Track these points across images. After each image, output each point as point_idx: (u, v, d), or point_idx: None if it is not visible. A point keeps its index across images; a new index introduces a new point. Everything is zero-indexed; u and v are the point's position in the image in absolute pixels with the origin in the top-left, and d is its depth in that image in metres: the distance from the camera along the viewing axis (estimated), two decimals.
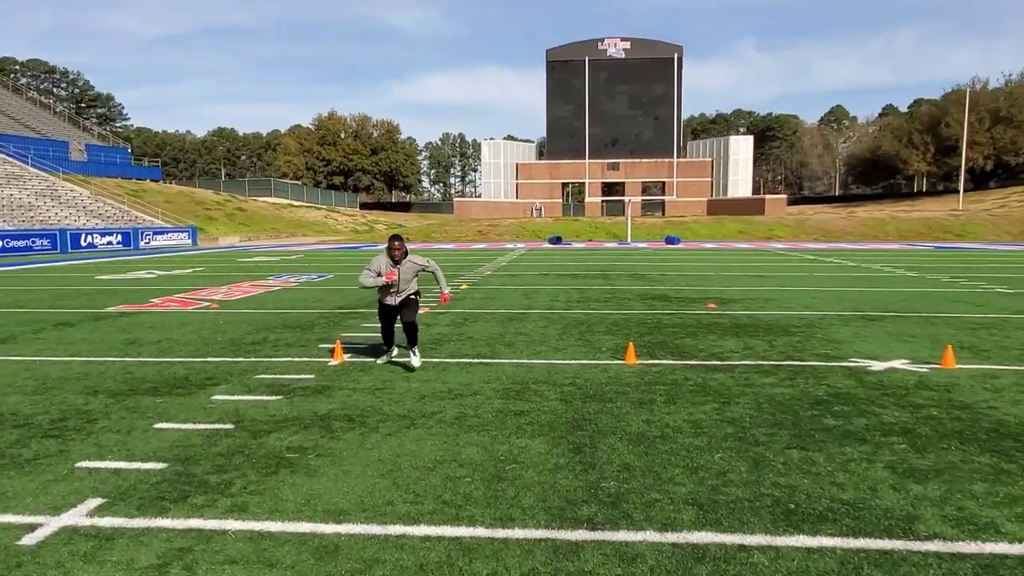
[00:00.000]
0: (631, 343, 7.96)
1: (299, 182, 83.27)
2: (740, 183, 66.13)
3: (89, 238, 36.13)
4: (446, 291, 7.91)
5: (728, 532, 3.47)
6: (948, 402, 5.87)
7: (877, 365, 7.34)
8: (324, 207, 71.67)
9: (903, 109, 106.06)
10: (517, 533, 3.49)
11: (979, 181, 76.50)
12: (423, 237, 48.50)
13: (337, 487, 4.11)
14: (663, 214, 64.51)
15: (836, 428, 5.17)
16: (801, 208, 77.52)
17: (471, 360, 7.79)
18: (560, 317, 11.08)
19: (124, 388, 6.59)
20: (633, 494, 3.95)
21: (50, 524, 3.64)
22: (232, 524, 3.62)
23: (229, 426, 5.31)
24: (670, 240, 40.89)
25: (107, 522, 3.66)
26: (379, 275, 7.23)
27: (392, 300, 7.41)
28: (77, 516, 3.74)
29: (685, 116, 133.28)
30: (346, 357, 7.93)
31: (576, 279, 17.92)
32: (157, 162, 75.64)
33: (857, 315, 11.07)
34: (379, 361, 7.66)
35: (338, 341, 8.31)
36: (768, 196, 63.44)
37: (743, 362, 7.54)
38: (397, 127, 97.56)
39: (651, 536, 3.43)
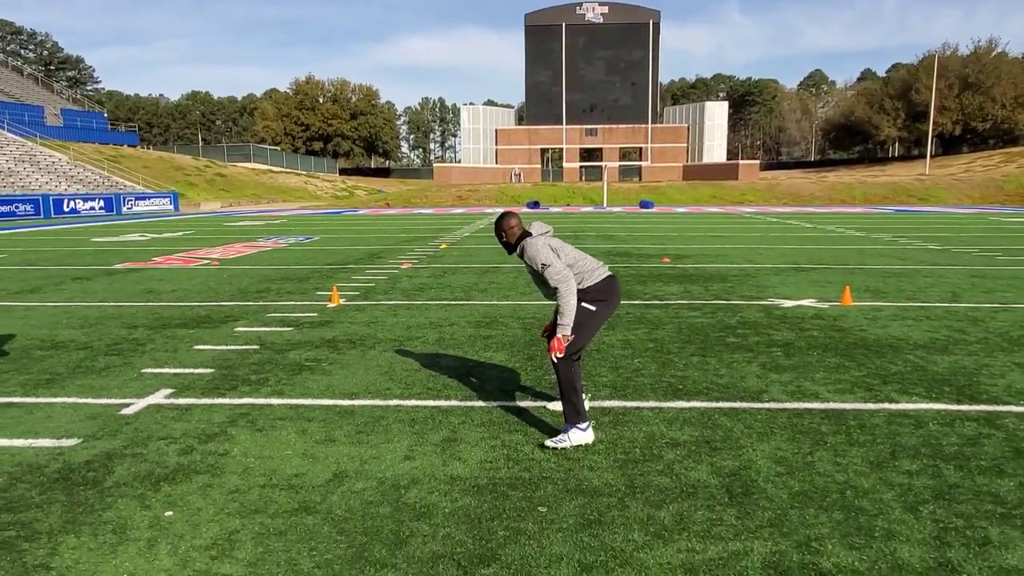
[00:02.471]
0: None
1: (278, 147, 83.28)
2: (715, 149, 67.48)
3: (72, 203, 36.74)
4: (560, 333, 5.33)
5: (630, 400, 4.90)
6: (830, 327, 7.35)
7: (788, 303, 8.81)
8: (304, 173, 72.03)
9: (882, 74, 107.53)
10: (480, 404, 4.89)
11: (948, 146, 78.50)
12: (403, 203, 49.44)
13: (347, 380, 5.48)
14: (640, 179, 65.77)
15: (733, 343, 6.62)
16: (775, 173, 79.16)
17: (449, 302, 9.15)
18: None
19: (157, 324, 7.88)
20: None
21: (138, 404, 4.97)
22: (274, 400, 4.99)
23: (255, 347, 6.65)
24: (644, 204, 42.29)
25: (181, 401, 5.01)
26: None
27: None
28: (157, 398, 5.08)
29: (666, 80, 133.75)
30: (342, 301, 9.25)
31: None
32: (134, 127, 75.28)
33: (791, 267, 12.56)
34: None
35: (335, 287, 9.62)
36: (741, 162, 64.88)
37: (678, 301, 8.98)
38: (376, 92, 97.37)
39: None
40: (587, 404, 4.41)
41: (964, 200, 48.71)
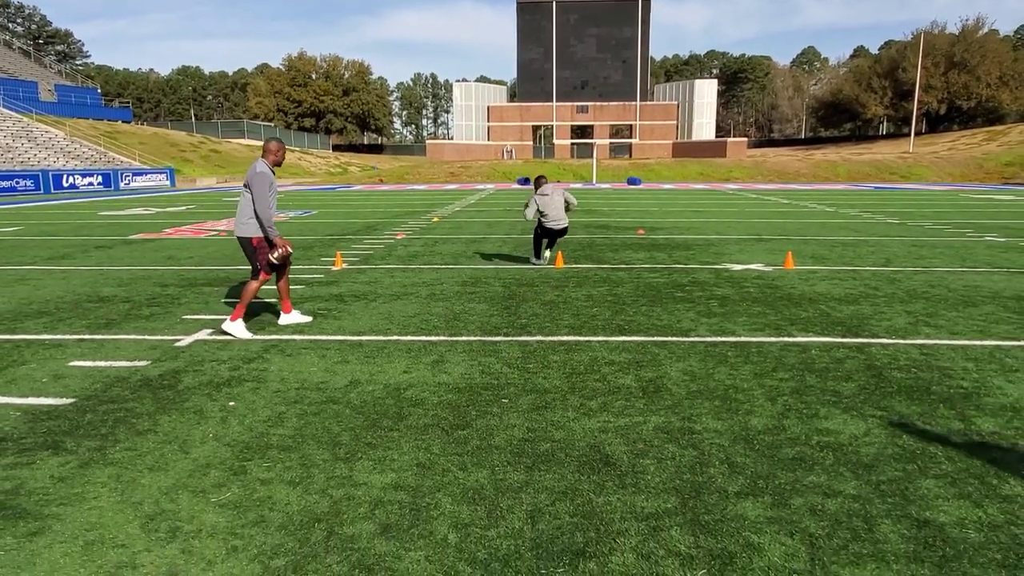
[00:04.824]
0: (560, 252, 10.57)
1: (271, 124, 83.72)
2: (705, 126, 68.38)
3: (71, 179, 37.57)
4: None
5: (582, 335, 6.12)
6: (766, 285, 8.58)
7: (737, 267, 10.04)
8: (297, 149, 72.63)
9: (875, 51, 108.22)
10: (463, 338, 6.10)
11: (934, 125, 79.62)
12: (396, 179, 50.35)
13: (354, 323, 6.68)
14: (630, 156, 66.73)
15: (680, 297, 7.85)
16: (764, 151, 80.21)
17: (439, 266, 10.33)
18: (515, 240, 13.64)
19: (185, 283, 9.04)
20: (534, 324, 6.58)
21: (187, 339, 6.16)
22: (297, 337, 6.19)
23: (274, 300, 7.83)
24: (632, 181, 43.39)
25: (221, 338, 6.20)
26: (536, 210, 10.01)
27: (554, 226, 10.09)
28: (201, 335, 6.27)
29: (660, 57, 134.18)
30: (345, 265, 10.42)
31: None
32: (127, 103, 75.54)
33: (753, 238, 13.79)
34: (537, 262, 10.45)
35: (338, 253, 10.79)
36: (729, 139, 65.88)
37: (641, 266, 10.19)
38: (368, 68, 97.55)
39: (539, 338, 6.07)
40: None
41: (945, 178, 49.95)
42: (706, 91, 68.73)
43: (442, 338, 6.12)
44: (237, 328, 6.18)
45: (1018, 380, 4.85)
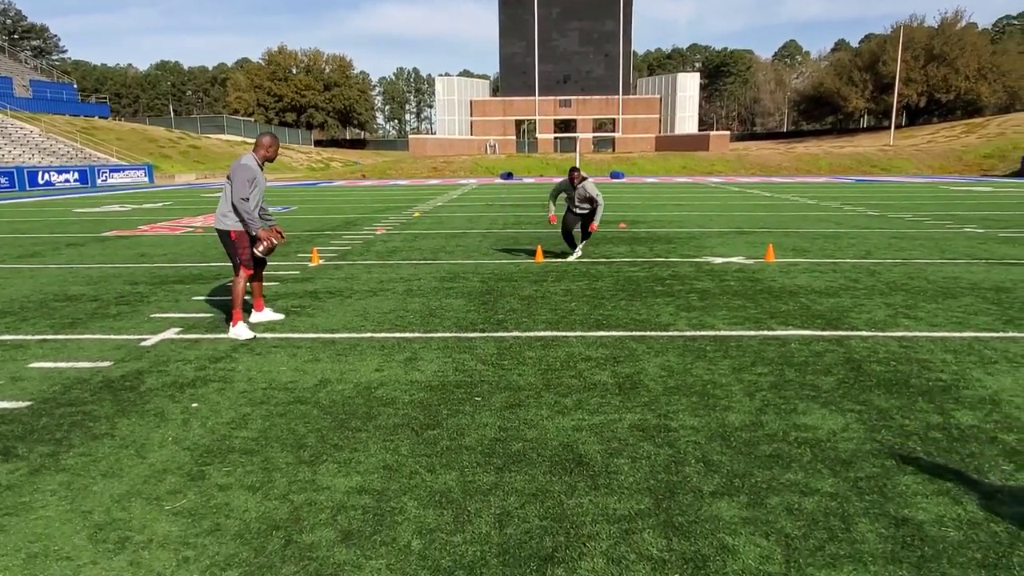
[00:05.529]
0: (539, 246, 10.46)
1: (251, 119, 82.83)
2: (687, 120, 68.53)
3: (46, 176, 36.93)
4: (596, 223, 9.98)
5: (560, 331, 6.02)
6: (747, 278, 8.52)
7: (718, 260, 9.98)
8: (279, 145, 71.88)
9: (856, 44, 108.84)
10: (438, 335, 5.98)
11: (914, 117, 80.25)
12: (379, 175, 50.01)
13: (328, 320, 6.53)
14: (613, 150, 66.74)
15: (659, 291, 7.76)
16: (746, 144, 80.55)
17: (418, 262, 10.19)
18: (495, 235, 13.51)
19: (156, 280, 8.83)
20: (511, 320, 6.47)
21: (153, 339, 5.98)
22: (268, 335, 6.03)
23: (247, 298, 7.65)
24: (615, 175, 43.37)
25: (189, 336, 6.03)
26: (561, 194, 10.18)
27: (579, 209, 10.02)
28: (169, 334, 6.09)
29: (643, 51, 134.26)
30: (322, 261, 10.25)
31: (517, 208, 20.31)
32: (104, 98, 74.44)
33: (735, 231, 13.74)
34: (571, 258, 10.22)
35: (314, 249, 10.61)
36: (712, 133, 66.04)
37: (622, 259, 10.11)
38: (350, 62, 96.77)
39: (515, 333, 5.96)
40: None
41: (924, 170, 50.37)
42: (688, 85, 68.86)
43: (417, 335, 5.99)
44: (239, 331, 5.96)
45: (997, 372, 4.81)
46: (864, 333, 5.85)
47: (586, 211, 9.98)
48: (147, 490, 3.23)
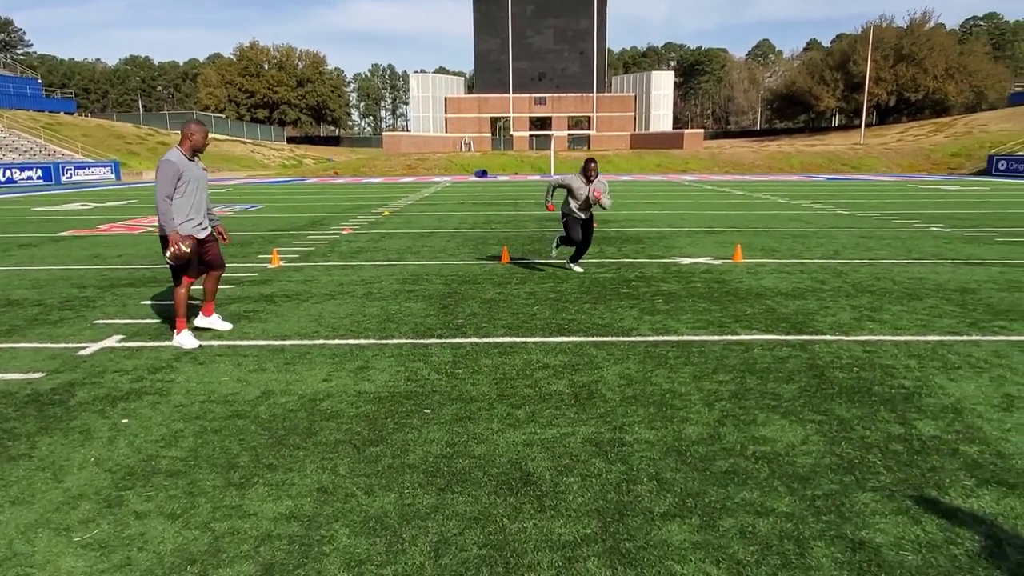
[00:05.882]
0: (505, 247, 10.28)
1: (222, 115, 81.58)
2: (662, 118, 68.78)
3: (8, 173, 35.97)
4: (604, 201, 8.56)
5: (519, 336, 5.84)
6: (714, 280, 8.41)
7: (687, 261, 9.87)
8: (250, 141, 70.92)
9: (827, 44, 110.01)
10: (394, 341, 5.77)
11: (884, 116, 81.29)
12: (352, 172, 49.47)
13: (280, 326, 6.29)
14: (588, 148, 66.75)
15: (625, 293, 7.62)
16: (720, 142, 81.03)
17: (382, 263, 9.95)
18: (463, 235, 13.30)
19: (106, 284, 8.49)
20: (470, 324, 6.27)
21: (92, 347, 5.70)
22: (215, 343, 5.77)
23: (198, 302, 7.37)
24: None
25: (131, 344, 5.75)
26: (573, 195, 8.56)
27: (584, 214, 8.76)
28: (110, 342, 5.81)
29: (618, 49, 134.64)
30: (282, 263, 9.97)
31: (488, 207, 20.10)
32: (70, 94, 72.84)
33: (705, 230, 13.67)
34: (572, 267, 9.11)
35: (275, 250, 10.32)
36: (686, 131, 66.35)
37: (589, 260, 9.95)
38: (323, 58, 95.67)
39: (474, 340, 5.77)
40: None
41: (894, 168, 51.01)
42: (663, 83, 69.10)
43: (371, 341, 5.77)
44: (183, 340, 5.64)
45: (959, 378, 4.72)
46: (828, 337, 5.74)
47: (589, 216, 8.84)
48: (57, 519, 2.99)
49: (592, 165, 8.57)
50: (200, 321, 6.17)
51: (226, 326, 6.24)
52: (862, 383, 4.63)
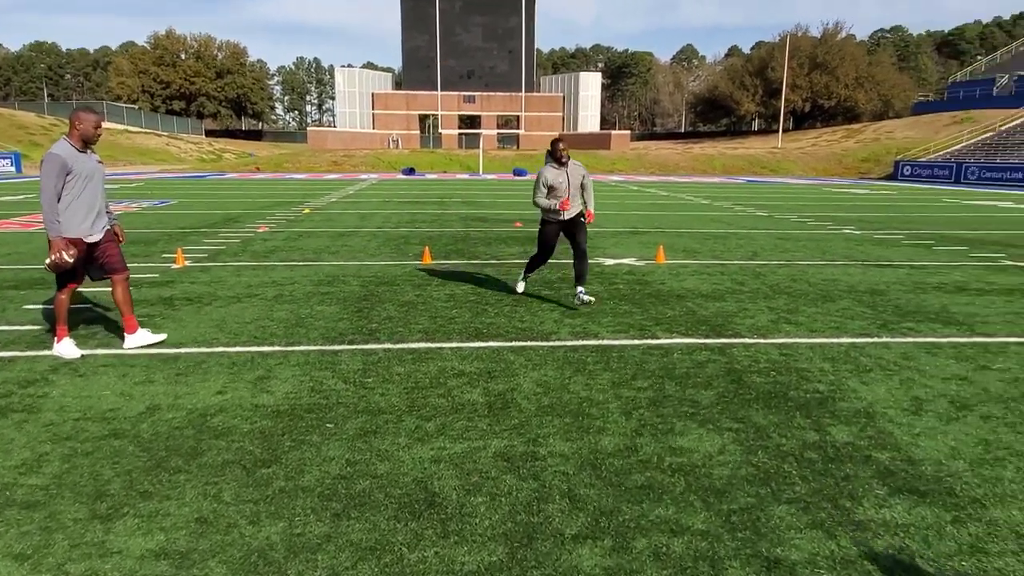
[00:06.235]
0: (427, 247, 10.00)
1: (136, 106, 77.76)
2: (590, 118, 69.51)
3: None
4: (593, 210, 7.06)
5: (435, 342, 5.59)
6: (636, 281, 8.36)
7: (610, 262, 9.82)
8: (165, 134, 67.85)
9: (747, 50, 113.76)
10: (301, 348, 5.42)
11: (800, 122, 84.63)
12: (274, 168, 47.96)
13: (177, 333, 5.84)
14: (517, 147, 66.86)
15: (546, 295, 7.47)
16: (646, 144, 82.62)
17: (297, 263, 9.50)
18: (385, 234, 12.92)
19: None
20: (385, 329, 5.98)
21: None
22: (100, 351, 5.29)
23: (88, 306, 6.81)
24: (517, 172, 43.31)
25: (5, 353, 5.20)
26: (550, 188, 6.74)
27: (564, 214, 6.77)
28: None
29: (547, 49, 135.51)
30: (187, 263, 9.39)
31: (414, 205, 19.71)
32: None
33: (629, 231, 13.73)
34: (519, 289, 7.43)
35: (179, 249, 9.71)
36: (614, 132, 67.29)
37: (512, 261, 9.78)
38: (244, 50, 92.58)
39: (387, 345, 5.48)
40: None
41: (809, 172, 53.12)
42: (591, 84, 69.86)
43: (276, 348, 5.41)
44: (63, 349, 5.12)
45: (871, 381, 4.75)
46: (747, 340, 5.73)
47: (576, 217, 6.90)
48: None
49: (560, 145, 6.75)
50: (130, 342, 5.40)
51: (158, 337, 5.54)
52: (779, 388, 4.60)
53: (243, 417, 4.02)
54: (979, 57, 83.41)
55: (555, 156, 6.72)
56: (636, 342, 5.67)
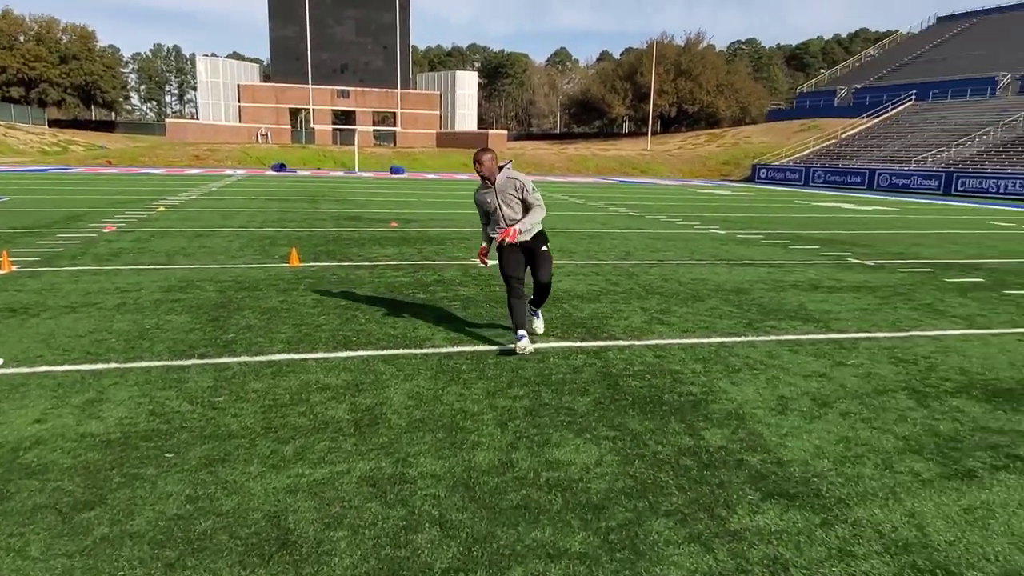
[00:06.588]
0: (294, 248, 9.43)
1: None
2: (467, 117, 69.51)
3: None
4: (519, 227, 5.35)
5: (299, 353, 5.17)
6: None
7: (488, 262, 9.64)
8: (1, 123, 61.28)
9: (618, 55, 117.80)
10: (142, 364, 4.84)
11: (667, 125, 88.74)
12: (128, 161, 44.51)
13: None
14: (394, 145, 65.75)
15: (421, 299, 7.19)
16: (523, 144, 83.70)
17: (146, 267, 8.66)
18: (250, 234, 12.12)
19: None
20: (242, 340, 5.49)
21: None
22: None
23: None
24: (394, 170, 42.51)
25: None
26: (487, 215, 5.56)
27: (506, 238, 5.38)
28: None
29: (424, 46, 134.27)
30: (14, 268, 8.33)
31: (283, 203, 18.76)
32: None
33: None
34: (527, 349, 5.27)
35: (4, 252, 8.60)
36: (491, 131, 67.68)
37: (387, 263, 9.41)
38: (93, 33, 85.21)
39: (244, 359, 5.01)
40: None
41: (676, 173, 55.73)
42: (468, 83, 69.90)
43: (113, 365, 4.80)
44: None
45: (740, 381, 4.83)
46: (621, 343, 5.72)
47: (533, 242, 5.57)
48: None
49: (477, 163, 5.32)
50: None
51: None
52: (653, 391, 4.57)
53: (64, 450, 3.48)
54: (822, 71, 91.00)
55: (481, 171, 5.34)
56: (512, 346, 5.50)
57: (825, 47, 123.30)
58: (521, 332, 5.32)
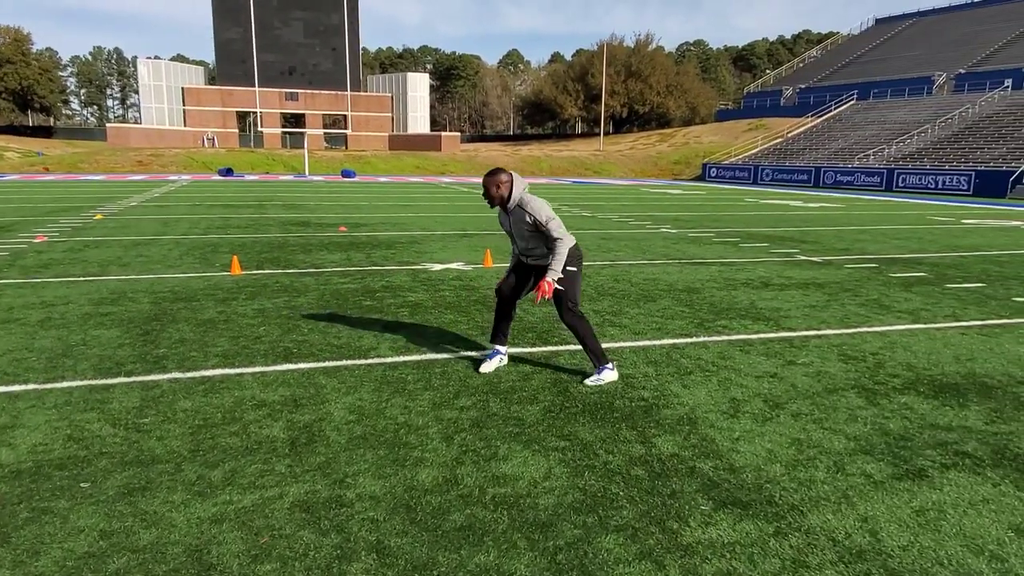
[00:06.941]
0: (235, 256, 9.10)
1: None
2: (419, 119, 69.02)
3: None
4: (551, 278, 4.53)
5: (235, 367, 4.92)
6: (463, 287, 8.08)
7: (437, 267, 9.47)
8: None
9: (569, 57, 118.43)
10: (64, 384, 4.53)
11: (619, 126, 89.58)
12: (67, 168, 42.93)
13: None
14: (346, 148, 64.89)
15: (368, 306, 6.96)
16: (476, 146, 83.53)
17: (76, 279, 8.23)
18: (191, 241, 11.69)
19: None
20: (174, 355, 5.20)
21: None
22: None
23: None
24: (346, 174, 41.90)
25: None
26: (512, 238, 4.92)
27: (527, 259, 4.88)
28: None
29: (374, 48, 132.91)
30: None
31: (228, 209, 18.23)
32: None
33: (459, 233, 13.48)
34: (482, 370, 4.92)
35: None
36: (444, 134, 67.35)
37: (333, 269, 9.14)
38: (28, 36, 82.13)
39: (175, 375, 4.74)
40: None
41: (628, 173, 56.25)
42: (419, 85, 69.43)
43: (31, 387, 4.48)
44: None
45: (691, 384, 4.76)
46: (572, 347, 5.60)
47: (539, 256, 4.78)
48: None
49: (493, 181, 4.65)
50: None
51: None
52: (604, 398, 4.46)
53: None
54: (768, 71, 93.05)
55: (490, 198, 4.72)
56: (461, 354, 5.34)
57: (770, 48, 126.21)
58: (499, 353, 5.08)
